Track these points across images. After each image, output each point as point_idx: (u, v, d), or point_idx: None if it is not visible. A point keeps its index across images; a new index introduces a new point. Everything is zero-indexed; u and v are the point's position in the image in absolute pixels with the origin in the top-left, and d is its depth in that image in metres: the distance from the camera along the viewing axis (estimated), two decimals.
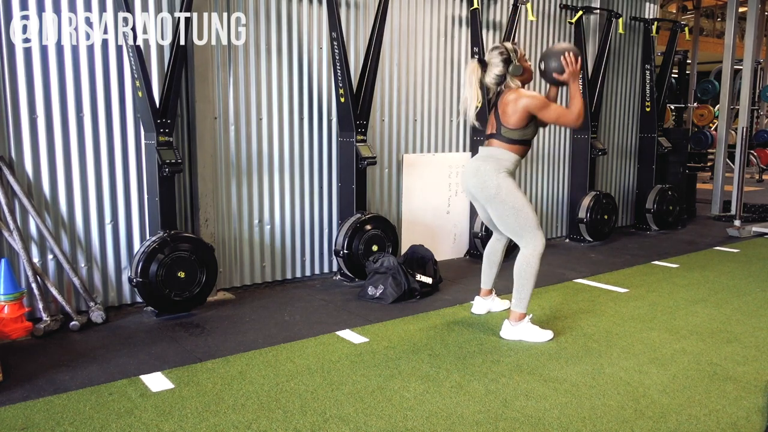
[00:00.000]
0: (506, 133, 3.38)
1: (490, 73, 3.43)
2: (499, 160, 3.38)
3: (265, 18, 4.31)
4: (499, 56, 3.39)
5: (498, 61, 3.39)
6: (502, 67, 3.39)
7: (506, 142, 3.40)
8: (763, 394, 2.74)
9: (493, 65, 3.42)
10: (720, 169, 8.03)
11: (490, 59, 3.43)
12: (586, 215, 6.03)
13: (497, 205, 3.36)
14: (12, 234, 3.50)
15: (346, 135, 4.60)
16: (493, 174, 3.35)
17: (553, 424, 2.46)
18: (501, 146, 3.40)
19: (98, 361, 3.09)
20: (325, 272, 4.85)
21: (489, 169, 3.36)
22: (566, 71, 3.34)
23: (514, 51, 3.41)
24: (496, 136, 3.42)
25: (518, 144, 3.40)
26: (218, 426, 2.44)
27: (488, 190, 3.36)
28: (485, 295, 3.90)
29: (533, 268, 3.35)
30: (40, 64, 3.55)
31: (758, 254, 5.67)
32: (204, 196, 4.12)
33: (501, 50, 3.41)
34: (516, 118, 3.34)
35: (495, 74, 3.42)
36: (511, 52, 3.40)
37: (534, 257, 3.34)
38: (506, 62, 3.39)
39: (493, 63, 3.41)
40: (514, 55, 3.39)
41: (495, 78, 3.43)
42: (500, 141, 3.41)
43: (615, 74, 6.82)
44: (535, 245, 3.35)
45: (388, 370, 2.99)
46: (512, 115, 3.34)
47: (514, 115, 3.33)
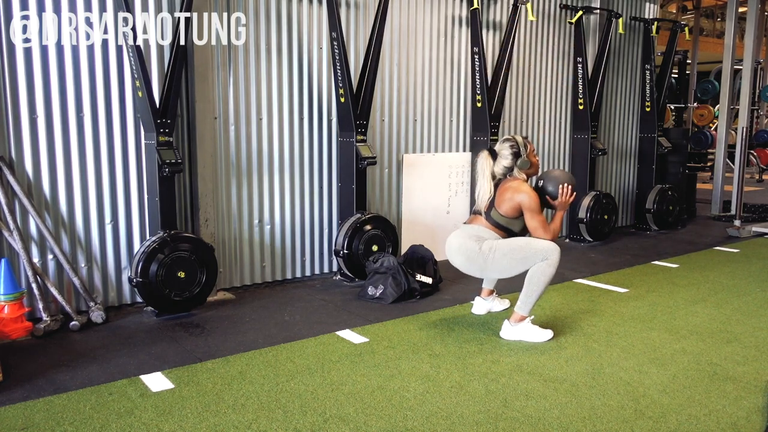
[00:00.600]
0: (495, 215, 3.46)
1: (499, 164, 3.52)
2: (480, 239, 3.44)
3: (265, 18, 4.31)
4: (510, 149, 3.49)
5: (508, 153, 3.49)
6: (511, 160, 3.49)
7: (492, 225, 3.47)
8: (763, 394, 2.74)
9: (502, 157, 3.51)
10: (720, 169, 8.03)
11: (501, 151, 3.52)
12: (586, 215, 6.03)
13: (494, 265, 3.40)
14: (12, 234, 3.50)
15: (346, 135, 4.60)
16: (476, 246, 3.40)
17: (553, 424, 2.46)
18: (486, 226, 3.48)
19: (98, 361, 3.09)
20: (325, 272, 4.85)
21: (472, 245, 3.42)
22: (559, 200, 3.50)
23: (524, 145, 3.50)
24: (484, 216, 3.49)
25: (502, 230, 3.47)
26: (218, 426, 2.44)
27: (477, 261, 3.42)
28: (486, 295, 3.90)
29: (547, 277, 3.34)
30: (40, 64, 3.55)
31: (758, 254, 5.67)
32: (204, 196, 4.12)
33: (512, 143, 3.50)
34: (508, 207, 3.42)
35: (503, 166, 3.51)
36: (521, 146, 3.49)
37: (550, 266, 3.33)
38: (515, 156, 3.48)
39: (503, 155, 3.50)
40: (524, 150, 3.49)
41: (503, 170, 3.52)
42: (487, 222, 3.48)
43: (615, 74, 6.82)
44: (552, 257, 3.32)
45: (388, 370, 2.99)
46: (506, 203, 3.42)
47: (509, 203, 3.41)
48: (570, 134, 6.36)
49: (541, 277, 3.32)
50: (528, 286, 3.36)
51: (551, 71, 6.15)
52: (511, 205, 3.41)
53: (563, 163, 6.37)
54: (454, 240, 3.52)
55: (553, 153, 6.27)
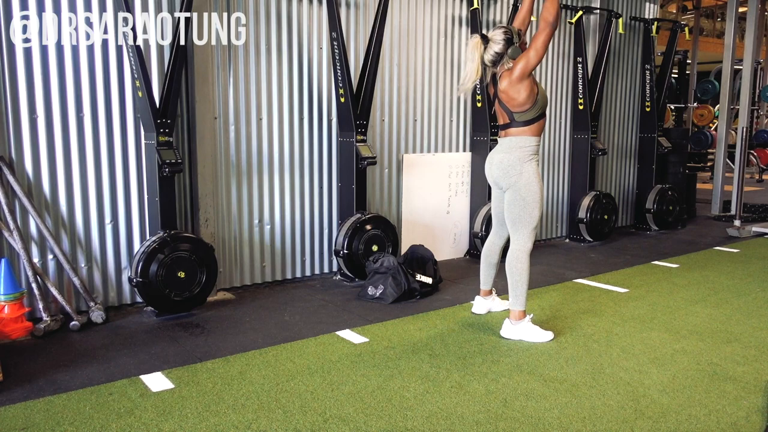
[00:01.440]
0: (520, 117, 3.38)
1: (490, 50, 3.41)
2: (522, 148, 3.39)
3: (265, 18, 4.31)
4: (503, 35, 3.39)
5: (500, 39, 3.38)
6: (502, 45, 3.38)
7: (523, 125, 3.39)
8: (763, 394, 2.74)
9: (494, 42, 3.40)
10: (720, 169, 8.03)
11: (493, 36, 3.41)
12: (586, 215, 6.03)
13: (513, 192, 3.41)
14: (12, 234, 3.50)
15: (346, 135, 4.60)
16: (516, 163, 3.38)
17: (553, 424, 2.46)
18: (519, 133, 3.40)
19: (98, 361, 3.09)
20: (325, 272, 4.85)
21: (513, 159, 3.39)
22: None
23: (517, 34, 3.40)
24: (512, 124, 3.41)
25: (535, 122, 3.39)
26: (218, 426, 2.44)
27: (511, 177, 3.40)
28: (485, 295, 3.90)
29: (523, 264, 3.39)
30: (40, 64, 3.55)
31: (758, 254, 5.66)
32: (204, 196, 4.12)
33: (505, 30, 3.41)
34: (523, 95, 3.31)
35: (494, 51, 3.39)
36: (514, 34, 3.39)
37: (522, 253, 3.40)
38: (508, 42, 3.38)
39: (495, 40, 3.39)
40: (517, 38, 3.39)
41: (493, 56, 3.40)
42: (517, 127, 3.40)
43: (615, 74, 6.81)
44: (524, 242, 3.41)
45: (388, 370, 2.99)
46: (518, 95, 3.32)
47: (519, 92, 3.31)
48: (570, 134, 6.36)
49: (518, 265, 3.39)
50: (510, 278, 3.43)
51: (551, 71, 6.15)
52: (522, 89, 3.30)
53: (563, 163, 6.37)
54: (495, 155, 3.49)
55: (553, 153, 6.27)
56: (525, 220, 3.40)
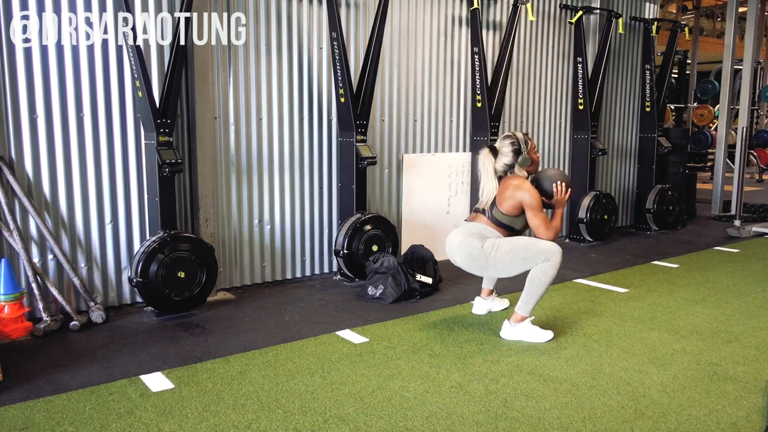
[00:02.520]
0: (496, 213, 3.44)
1: (500, 161, 3.50)
2: (483, 235, 3.42)
3: (265, 18, 4.31)
4: (510, 146, 3.47)
5: (508, 151, 3.47)
6: (511, 157, 3.47)
7: (493, 223, 3.45)
8: (763, 394, 2.74)
9: (503, 155, 3.49)
10: (720, 169, 8.03)
11: (501, 148, 3.50)
12: (586, 215, 6.03)
13: (496, 264, 3.37)
14: (12, 234, 3.50)
15: (346, 135, 4.60)
16: (478, 244, 3.38)
17: (553, 424, 2.46)
18: (487, 224, 3.46)
19: (98, 361, 3.09)
20: (325, 272, 4.85)
21: (474, 243, 3.40)
22: (555, 198, 3.49)
23: (525, 142, 3.48)
24: (486, 214, 3.48)
25: (504, 228, 3.45)
26: (218, 426, 2.44)
27: (479, 259, 3.39)
28: (486, 295, 3.90)
29: (548, 278, 3.32)
30: (40, 64, 3.55)
31: (758, 254, 5.66)
32: (204, 196, 4.12)
33: (512, 140, 3.48)
34: (510, 205, 3.40)
35: (504, 163, 3.50)
36: (521, 143, 3.47)
37: (552, 267, 3.31)
38: (516, 153, 3.46)
39: (504, 153, 3.49)
40: (525, 147, 3.47)
41: (504, 167, 3.51)
42: (488, 220, 3.47)
43: (615, 74, 6.82)
44: (554, 259, 3.30)
45: (388, 370, 2.99)
46: (508, 201, 3.40)
47: (510, 201, 3.40)
48: (570, 134, 6.36)
49: (543, 278, 3.31)
50: (529, 287, 3.35)
51: (551, 71, 6.15)
52: (512, 203, 3.39)
53: (563, 163, 6.37)
54: (455, 237, 3.50)
55: (553, 153, 6.27)
56: (530, 255, 3.30)
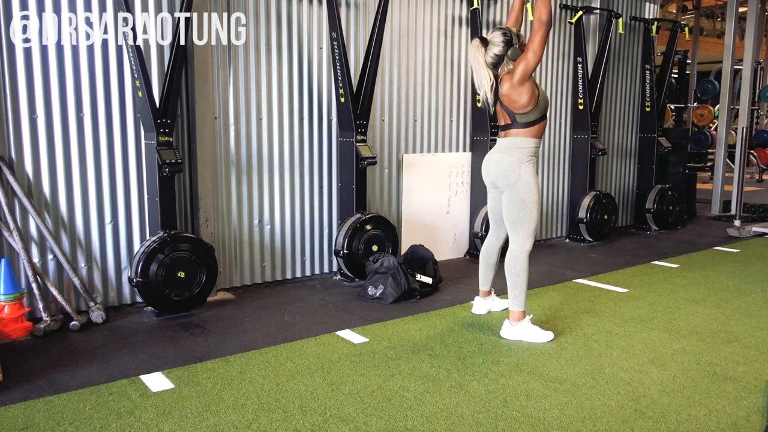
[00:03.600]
0: (522, 118, 3.37)
1: (490, 51, 3.40)
2: (521, 149, 3.38)
3: (265, 18, 4.31)
4: (502, 36, 3.38)
5: (499, 41, 3.38)
6: (502, 47, 3.37)
7: (524, 127, 3.39)
8: (763, 394, 2.74)
9: (493, 44, 3.39)
10: (720, 169, 8.03)
11: (492, 38, 3.41)
12: (586, 215, 6.03)
13: (511, 193, 3.40)
14: (12, 234, 3.49)
15: (346, 135, 4.60)
16: (515, 164, 3.37)
17: (553, 424, 2.46)
18: (519, 134, 3.40)
19: (98, 361, 3.09)
20: (325, 272, 4.85)
21: (511, 161, 3.38)
22: None
23: (516, 35, 3.40)
24: (513, 125, 3.41)
25: (536, 125, 3.39)
26: (218, 426, 2.44)
27: (509, 179, 3.39)
28: (484, 295, 3.90)
29: (521, 264, 3.39)
30: (40, 64, 3.55)
31: (758, 254, 5.66)
32: (204, 196, 4.12)
33: (504, 31, 3.40)
34: (525, 97, 3.31)
35: (494, 53, 3.39)
36: (513, 35, 3.39)
37: (521, 254, 3.40)
38: (507, 44, 3.37)
39: (495, 42, 3.39)
40: (516, 40, 3.39)
41: (493, 57, 3.40)
42: (518, 128, 3.39)
43: (615, 74, 6.81)
44: (524, 243, 3.41)
45: (388, 370, 2.99)
46: (519, 97, 3.32)
47: (521, 95, 3.31)
48: (570, 134, 6.36)
49: (517, 265, 3.39)
50: (510, 278, 3.43)
51: (551, 71, 6.15)
52: (523, 91, 3.30)
53: (563, 163, 6.36)
54: (493, 155, 3.48)
55: (553, 153, 6.27)
56: (524, 221, 3.40)
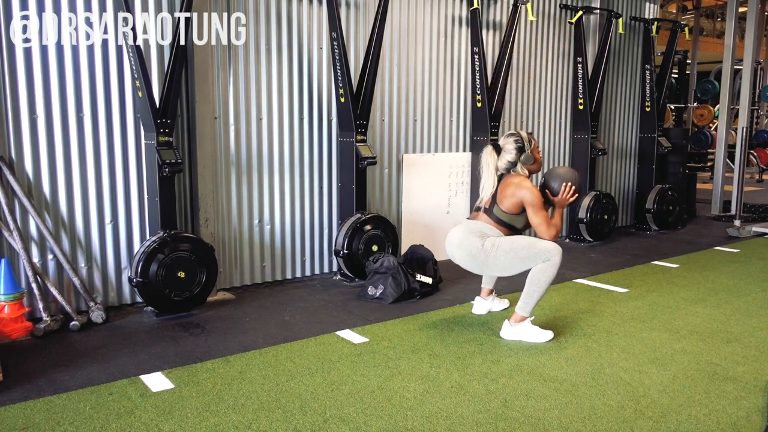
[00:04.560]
0: (497, 212, 3.45)
1: (503, 159, 3.50)
2: (483, 234, 3.42)
3: (265, 18, 4.31)
4: (514, 144, 3.48)
5: (512, 148, 3.48)
6: (515, 155, 3.47)
7: (494, 221, 3.46)
8: (763, 394, 2.74)
9: (506, 152, 3.49)
10: (720, 169, 8.03)
11: (505, 145, 3.51)
12: (586, 215, 6.03)
13: (496, 263, 3.37)
14: (12, 234, 3.50)
15: (346, 135, 4.60)
16: (479, 243, 3.38)
17: (553, 424, 2.46)
18: (488, 223, 3.47)
19: (98, 361, 3.09)
20: (325, 272, 4.85)
21: (474, 241, 3.39)
22: (558, 197, 3.48)
23: (528, 141, 3.49)
24: (487, 212, 3.49)
25: (505, 226, 3.45)
26: (218, 426, 2.44)
27: (479, 258, 3.39)
28: (486, 295, 3.90)
29: (548, 278, 3.31)
30: (40, 64, 3.55)
31: (758, 254, 5.66)
32: (204, 196, 4.12)
33: (516, 138, 3.49)
34: (511, 203, 3.41)
35: (507, 161, 3.49)
36: (525, 141, 3.48)
37: (552, 267, 3.30)
38: (519, 151, 3.46)
39: (507, 150, 3.49)
40: (528, 145, 3.47)
41: (506, 164, 3.50)
42: (489, 218, 3.47)
43: (615, 74, 6.82)
44: (554, 259, 3.30)
45: (388, 370, 2.99)
46: (508, 199, 3.41)
47: (511, 199, 3.40)
48: (570, 134, 6.36)
49: (543, 278, 3.31)
50: (529, 287, 3.35)
51: (551, 71, 6.15)
52: (513, 201, 3.40)
53: (563, 163, 6.37)
54: (455, 235, 3.49)
55: (553, 153, 6.27)
56: (530, 255, 3.30)
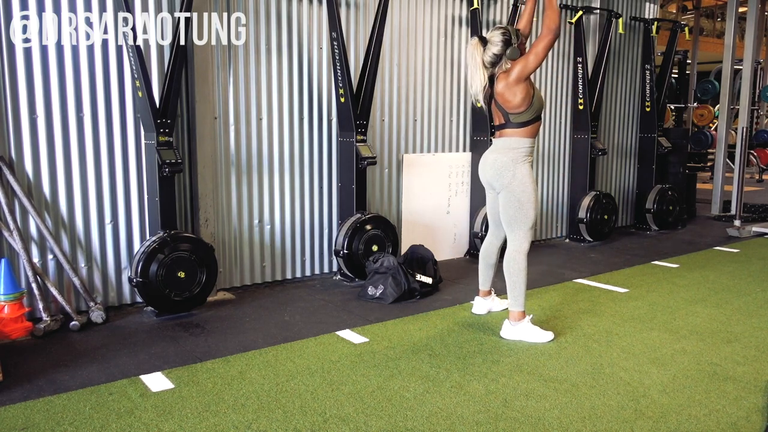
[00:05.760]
0: (515, 118, 3.38)
1: (489, 51, 3.39)
2: (516, 150, 3.39)
3: (265, 18, 4.31)
4: (501, 36, 3.37)
5: (498, 40, 3.37)
6: (501, 47, 3.36)
7: (518, 127, 3.39)
8: (763, 394, 2.74)
9: (492, 44, 3.39)
10: (720, 169, 8.03)
11: (491, 38, 3.40)
12: (586, 215, 6.03)
13: (507, 193, 3.40)
14: (12, 234, 3.49)
15: (346, 135, 4.60)
16: (510, 164, 3.38)
17: (553, 424, 2.46)
18: (514, 134, 3.40)
19: (98, 361, 3.09)
20: (325, 272, 4.85)
21: (506, 161, 3.39)
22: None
23: (515, 35, 3.39)
24: (507, 125, 3.42)
25: (530, 125, 3.40)
26: (218, 426, 2.44)
27: (504, 179, 3.40)
28: (485, 295, 3.90)
29: (520, 264, 3.40)
30: (40, 64, 3.55)
31: (758, 254, 5.66)
32: (204, 196, 4.12)
33: (503, 30, 3.39)
34: (519, 97, 3.32)
35: (493, 53, 3.38)
36: (512, 35, 3.38)
37: (519, 254, 3.40)
38: (506, 43, 3.36)
39: (493, 42, 3.38)
40: (515, 39, 3.37)
41: (492, 57, 3.39)
42: (512, 129, 3.40)
43: (615, 74, 6.81)
44: (521, 243, 3.41)
45: (388, 370, 2.99)
46: (513, 97, 3.33)
47: (515, 95, 3.32)
48: (570, 134, 6.35)
49: (515, 265, 3.40)
50: (508, 279, 3.43)
51: (551, 71, 6.15)
52: (518, 92, 3.31)
53: (563, 163, 6.36)
54: (489, 155, 3.49)
55: (553, 153, 6.27)
56: (520, 220, 3.40)
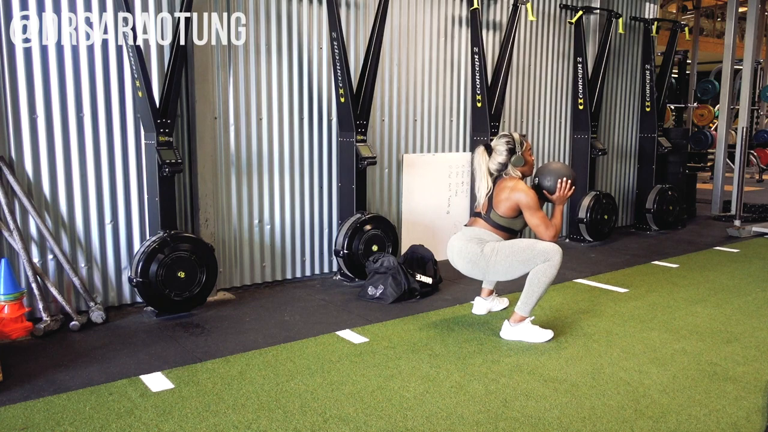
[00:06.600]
0: (494, 217, 3.44)
1: (494, 160, 3.49)
2: (484, 241, 3.42)
3: (265, 18, 4.31)
4: (505, 145, 3.46)
5: (503, 149, 3.46)
6: (505, 156, 3.46)
7: (492, 226, 3.45)
8: (763, 394, 2.74)
9: (497, 153, 3.48)
10: (720, 169, 8.03)
11: (496, 146, 3.49)
12: (586, 215, 6.03)
13: (497, 267, 3.37)
14: (12, 234, 3.50)
15: (346, 135, 4.60)
16: (478, 249, 3.38)
17: (553, 424, 2.46)
18: (486, 228, 3.46)
19: (98, 361, 3.09)
20: (325, 272, 4.85)
21: (473, 248, 3.40)
22: (556, 195, 3.46)
23: (520, 142, 3.47)
24: (484, 218, 3.48)
25: (503, 230, 3.45)
26: (218, 426, 2.44)
27: (480, 264, 3.40)
28: (486, 295, 3.90)
29: (548, 278, 3.32)
30: (40, 64, 3.55)
31: (758, 254, 5.66)
32: (204, 196, 4.12)
33: (508, 139, 3.47)
34: (506, 207, 3.41)
35: (498, 162, 3.48)
36: (516, 143, 3.46)
37: (552, 268, 3.31)
38: (510, 152, 3.45)
39: (498, 151, 3.47)
40: (519, 147, 3.46)
41: (498, 166, 3.49)
42: (486, 223, 3.46)
43: (615, 74, 6.82)
44: (554, 259, 3.30)
45: (388, 370, 2.99)
46: (504, 203, 3.41)
47: (506, 203, 3.40)
48: (570, 134, 6.36)
49: (543, 278, 3.31)
50: (529, 287, 3.35)
51: (551, 71, 6.15)
52: (508, 204, 3.40)
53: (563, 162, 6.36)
54: (455, 243, 3.50)
55: (553, 153, 6.27)
56: (531, 256, 3.31)
